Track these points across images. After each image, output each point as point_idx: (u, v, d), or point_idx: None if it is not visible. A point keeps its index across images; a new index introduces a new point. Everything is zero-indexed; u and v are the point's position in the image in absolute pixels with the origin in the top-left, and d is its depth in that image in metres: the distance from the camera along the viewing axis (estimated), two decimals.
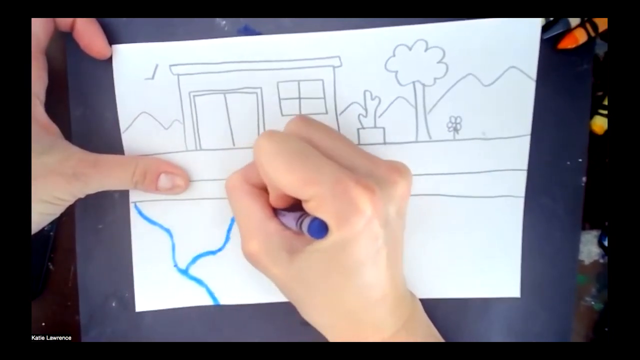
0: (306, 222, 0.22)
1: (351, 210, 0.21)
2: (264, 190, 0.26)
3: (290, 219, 0.24)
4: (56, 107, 0.29)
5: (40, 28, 0.27)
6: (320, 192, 0.21)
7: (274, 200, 0.25)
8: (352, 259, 0.22)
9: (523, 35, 0.28)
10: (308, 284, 0.23)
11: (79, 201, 0.29)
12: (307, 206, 0.22)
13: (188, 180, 0.30)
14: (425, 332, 0.26)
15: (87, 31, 0.28)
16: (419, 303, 0.26)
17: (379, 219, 0.21)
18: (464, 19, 0.28)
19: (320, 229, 0.22)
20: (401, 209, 0.24)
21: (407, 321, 0.24)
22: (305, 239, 0.24)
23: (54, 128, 0.28)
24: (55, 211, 0.27)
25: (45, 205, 0.26)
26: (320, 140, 0.24)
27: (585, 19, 0.28)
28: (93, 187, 0.27)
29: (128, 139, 0.30)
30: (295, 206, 0.25)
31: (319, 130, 0.24)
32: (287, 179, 0.22)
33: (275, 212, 0.25)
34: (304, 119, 0.25)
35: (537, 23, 0.28)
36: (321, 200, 0.21)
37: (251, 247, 0.24)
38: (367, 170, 0.23)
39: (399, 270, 0.24)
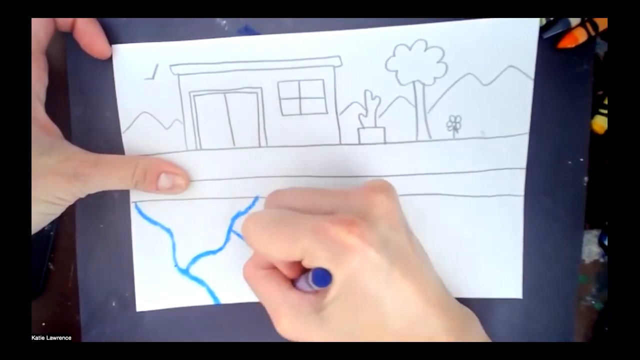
0: (310, 277, 0.22)
1: (340, 249, 0.21)
2: (277, 268, 0.26)
3: (302, 282, 0.24)
4: (56, 107, 0.29)
5: (40, 28, 0.27)
6: (305, 246, 0.22)
7: (286, 271, 0.25)
8: (367, 291, 0.22)
9: (521, 34, 0.28)
10: (349, 330, 0.23)
11: (79, 201, 0.29)
12: (304, 264, 0.23)
13: (188, 180, 0.30)
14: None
15: (88, 31, 0.28)
16: (475, 317, 0.25)
17: (372, 245, 0.21)
18: (463, 19, 0.28)
19: (322, 277, 0.22)
20: (394, 222, 0.23)
21: (463, 334, 0.23)
22: (325, 294, 0.23)
23: (54, 128, 0.28)
24: (56, 211, 0.27)
25: (46, 205, 0.26)
26: (293, 203, 0.24)
27: (585, 18, 0.28)
28: (93, 187, 0.27)
29: (128, 138, 0.30)
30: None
31: (289, 194, 0.25)
32: (274, 249, 0.23)
33: (293, 282, 0.26)
34: (275, 191, 0.26)
35: (535, 23, 0.28)
36: (310, 253, 0.22)
37: (284, 325, 0.24)
38: (343, 206, 0.23)
39: (429, 280, 0.23)
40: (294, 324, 0.24)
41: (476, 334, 0.25)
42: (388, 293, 0.22)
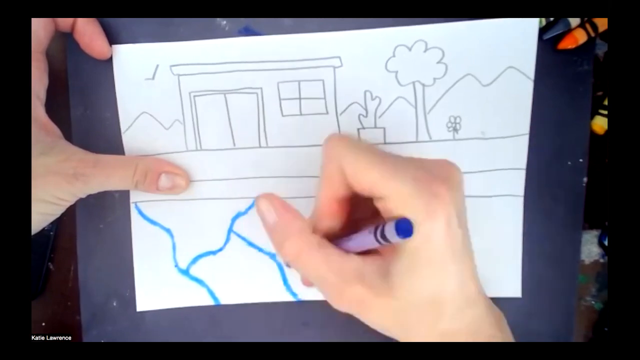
0: (390, 224, 0.21)
1: (437, 203, 0.21)
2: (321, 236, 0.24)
3: (362, 236, 0.23)
4: (56, 108, 0.29)
5: (40, 28, 0.27)
6: (401, 188, 0.21)
7: (332, 211, 0.23)
8: (438, 253, 0.22)
9: (521, 35, 0.28)
10: (412, 300, 0.22)
11: (80, 201, 0.28)
12: (386, 204, 0.22)
13: (188, 180, 0.30)
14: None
15: (88, 31, 0.28)
16: (504, 316, 0.25)
17: (456, 209, 0.22)
18: (463, 20, 0.28)
19: (408, 226, 0.21)
20: (463, 196, 0.23)
21: (501, 330, 0.24)
22: (387, 258, 0.23)
23: (55, 128, 0.28)
24: (56, 211, 0.27)
25: (46, 205, 0.26)
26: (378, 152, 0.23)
27: (585, 19, 0.28)
28: (93, 187, 0.27)
29: (129, 139, 0.30)
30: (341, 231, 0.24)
31: (370, 147, 0.24)
32: (369, 176, 0.22)
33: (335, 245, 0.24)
34: (341, 138, 0.24)
35: (534, 23, 0.28)
36: (404, 197, 0.21)
37: (351, 295, 0.22)
38: (426, 169, 0.23)
39: (476, 273, 0.23)
40: (362, 290, 0.22)
41: (508, 332, 0.25)
42: (453, 265, 0.22)
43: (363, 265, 0.23)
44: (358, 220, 0.25)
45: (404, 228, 0.21)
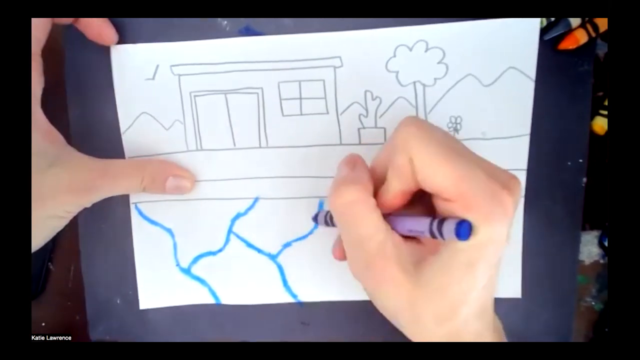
0: (451, 223, 0.20)
1: (500, 212, 0.20)
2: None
3: (417, 223, 0.22)
4: (54, 108, 0.29)
5: (37, 28, 0.27)
6: (472, 190, 0.20)
7: (395, 199, 0.23)
8: (487, 260, 0.21)
9: (522, 35, 0.28)
10: (435, 287, 0.22)
11: None
12: (450, 205, 0.21)
13: (194, 182, 0.30)
14: None
15: (92, 20, 0.28)
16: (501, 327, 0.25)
17: (510, 227, 0.21)
18: (464, 20, 0.28)
19: (468, 230, 0.20)
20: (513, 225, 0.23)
21: (500, 336, 0.24)
22: (426, 248, 0.23)
23: (57, 135, 0.27)
24: (64, 223, 0.27)
25: (58, 219, 0.27)
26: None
27: (586, 19, 0.28)
28: (102, 196, 0.27)
29: (128, 139, 0.30)
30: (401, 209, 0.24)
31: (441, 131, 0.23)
32: (442, 172, 0.21)
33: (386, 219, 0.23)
34: (414, 124, 0.22)
35: (536, 23, 0.28)
36: (472, 200, 0.20)
37: (386, 268, 0.22)
38: (499, 175, 0.21)
39: (496, 284, 0.23)
40: (395, 269, 0.22)
41: (504, 336, 0.25)
42: (484, 273, 0.21)
43: (403, 246, 0.23)
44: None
45: (464, 231, 0.20)
